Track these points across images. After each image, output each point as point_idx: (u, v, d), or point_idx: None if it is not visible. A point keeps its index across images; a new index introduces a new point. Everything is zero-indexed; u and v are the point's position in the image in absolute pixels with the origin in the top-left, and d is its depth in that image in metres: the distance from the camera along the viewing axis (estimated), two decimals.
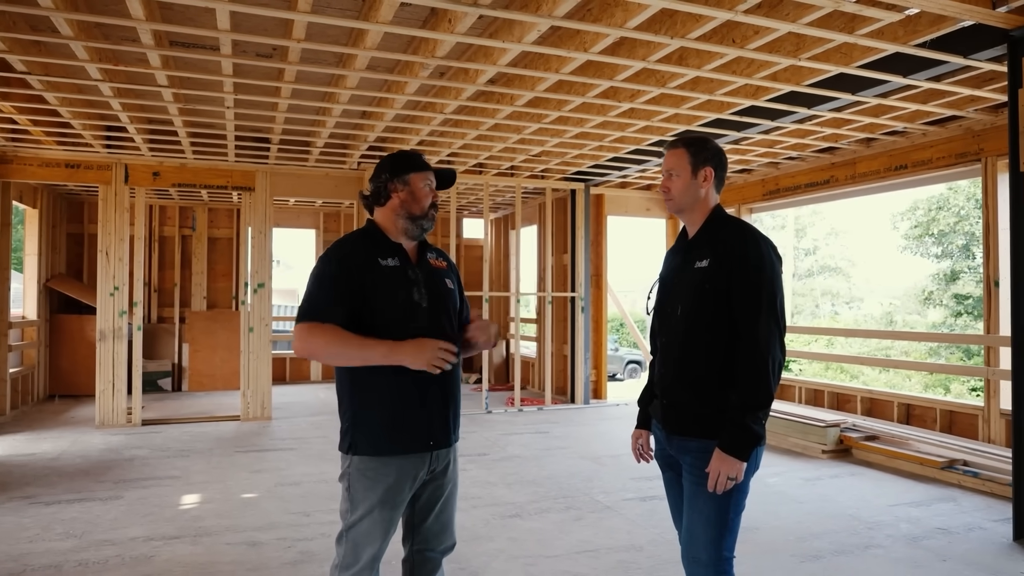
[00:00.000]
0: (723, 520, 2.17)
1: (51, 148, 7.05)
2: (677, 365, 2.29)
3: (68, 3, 3.81)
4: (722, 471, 2.10)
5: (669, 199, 2.38)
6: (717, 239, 2.26)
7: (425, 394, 2.19)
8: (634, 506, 4.69)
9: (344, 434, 2.22)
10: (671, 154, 2.37)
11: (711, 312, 2.20)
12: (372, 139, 6.84)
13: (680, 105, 5.52)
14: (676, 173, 2.34)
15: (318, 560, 3.69)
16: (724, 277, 2.18)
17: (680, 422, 2.27)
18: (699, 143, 2.37)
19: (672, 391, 2.30)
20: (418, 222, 2.28)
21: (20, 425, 7.37)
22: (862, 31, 3.99)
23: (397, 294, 2.18)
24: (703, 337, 2.22)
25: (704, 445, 2.18)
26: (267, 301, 7.89)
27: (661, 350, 2.39)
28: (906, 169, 6.58)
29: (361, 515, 2.14)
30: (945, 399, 6.68)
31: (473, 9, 3.72)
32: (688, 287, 2.27)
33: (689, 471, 2.24)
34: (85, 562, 3.64)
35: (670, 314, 2.34)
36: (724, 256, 2.20)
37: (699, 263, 2.25)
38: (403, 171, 2.27)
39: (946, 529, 4.26)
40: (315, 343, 2.10)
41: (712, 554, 2.18)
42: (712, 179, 2.34)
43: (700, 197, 2.34)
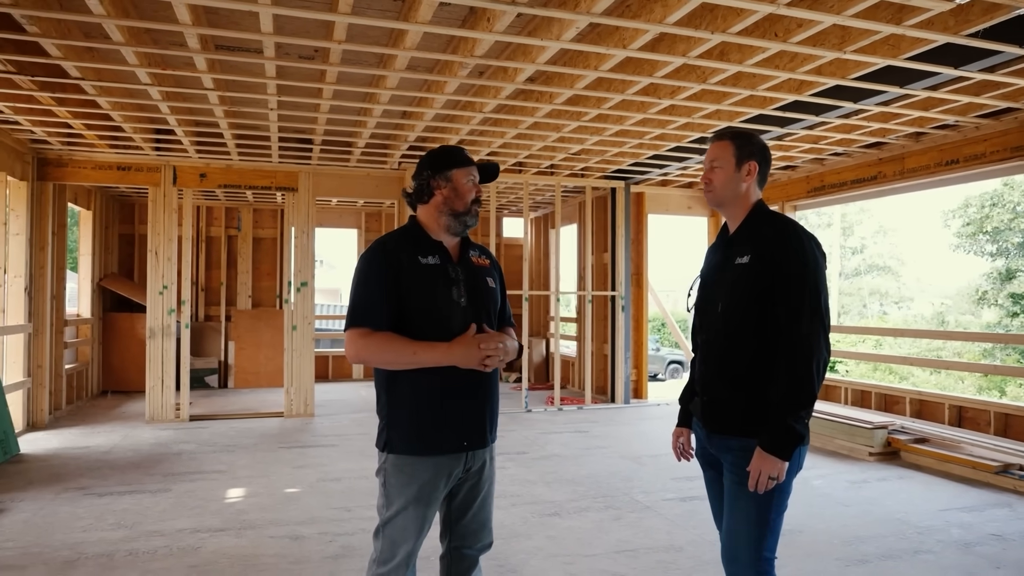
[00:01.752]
0: (764, 520, 2.15)
1: (103, 151, 7.28)
2: (718, 362, 2.28)
3: (119, 10, 3.94)
4: (763, 470, 2.07)
5: (710, 191, 2.35)
6: (759, 235, 2.23)
7: (461, 394, 2.19)
8: (674, 506, 4.64)
9: (381, 432, 2.23)
10: (716, 145, 2.34)
11: (752, 309, 2.18)
12: (412, 139, 6.90)
13: (721, 101, 5.44)
14: (719, 165, 2.32)
15: (359, 554, 3.73)
16: (766, 274, 2.15)
17: (720, 420, 2.25)
18: (745, 136, 2.34)
19: (713, 388, 2.29)
20: (461, 218, 2.26)
21: (75, 419, 7.63)
22: (910, 21, 3.87)
23: (436, 293, 2.17)
24: (743, 335, 2.20)
25: (745, 444, 2.16)
26: (310, 300, 8.02)
27: (702, 347, 2.37)
28: (957, 164, 6.37)
29: (396, 511, 2.15)
30: (1000, 401, 6.45)
31: (512, 7, 3.73)
32: (729, 284, 2.25)
33: (730, 470, 2.22)
34: (135, 552, 3.75)
35: (710, 311, 2.32)
36: (766, 252, 2.17)
37: (740, 259, 2.22)
38: (445, 167, 2.26)
39: (1000, 535, 4.12)
40: (367, 350, 2.11)
41: (752, 554, 2.15)
42: (755, 174, 2.31)
43: (741, 191, 2.31)
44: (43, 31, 4.08)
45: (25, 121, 6.07)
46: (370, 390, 10.14)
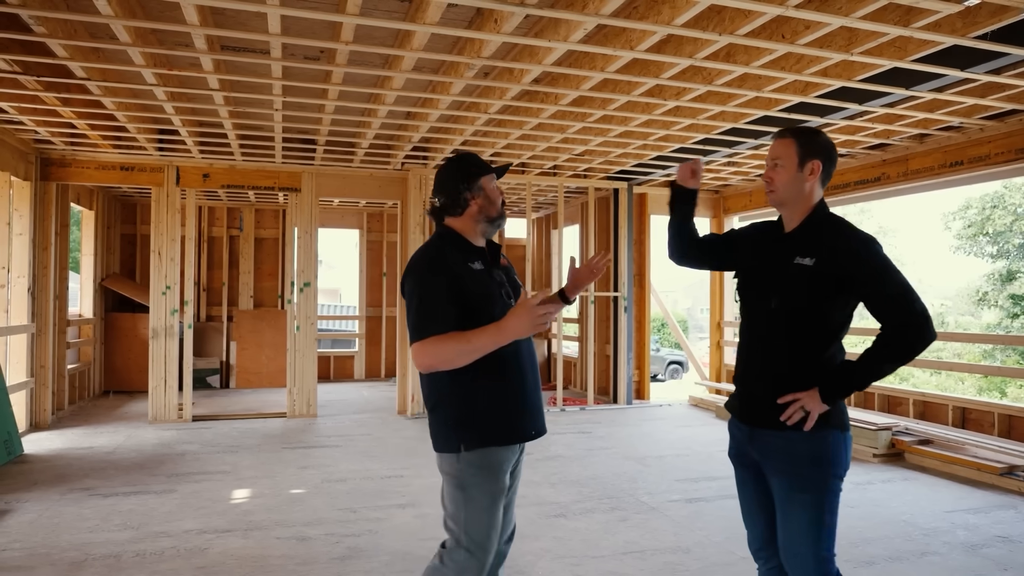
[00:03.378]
0: (819, 521, 2.14)
1: (107, 151, 7.28)
2: (762, 358, 2.28)
3: (127, 11, 3.93)
4: (803, 402, 2.11)
5: (771, 191, 2.31)
6: (825, 238, 2.20)
7: (525, 386, 2.27)
8: (680, 508, 4.64)
9: (449, 434, 2.20)
10: (779, 143, 2.30)
11: (811, 311, 2.17)
12: (416, 139, 6.90)
13: (727, 102, 5.44)
14: (781, 164, 2.27)
15: (365, 556, 3.73)
16: (834, 277, 2.14)
17: (757, 414, 2.25)
18: (809, 134, 2.29)
19: (752, 383, 2.30)
20: (496, 222, 2.37)
21: (78, 419, 7.62)
22: (918, 24, 3.87)
23: (492, 297, 2.25)
24: (799, 333, 2.20)
25: (786, 443, 2.16)
26: (313, 300, 8.01)
27: (747, 341, 2.35)
28: (962, 165, 6.38)
29: (479, 512, 2.16)
30: (1003, 403, 6.45)
31: (520, 8, 3.72)
32: (786, 283, 2.21)
33: (777, 476, 2.21)
34: (143, 553, 3.75)
35: (761, 306, 2.29)
36: (832, 257, 2.15)
37: (801, 260, 2.19)
38: (475, 178, 2.32)
39: (1007, 537, 4.12)
40: (432, 356, 2.10)
41: (813, 556, 2.14)
42: (819, 173, 2.26)
43: (804, 191, 2.26)
44: (50, 31, 4.07)
45: (29, 121, 6.07)
46: (372, 390, 10.14)
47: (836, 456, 2.15)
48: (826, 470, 2.14)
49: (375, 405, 8.84)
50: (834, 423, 2.16)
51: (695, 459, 6.06)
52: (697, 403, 9.14)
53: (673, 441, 6.87)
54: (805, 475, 2.15)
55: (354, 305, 22.55)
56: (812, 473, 2.14)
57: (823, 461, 2.15)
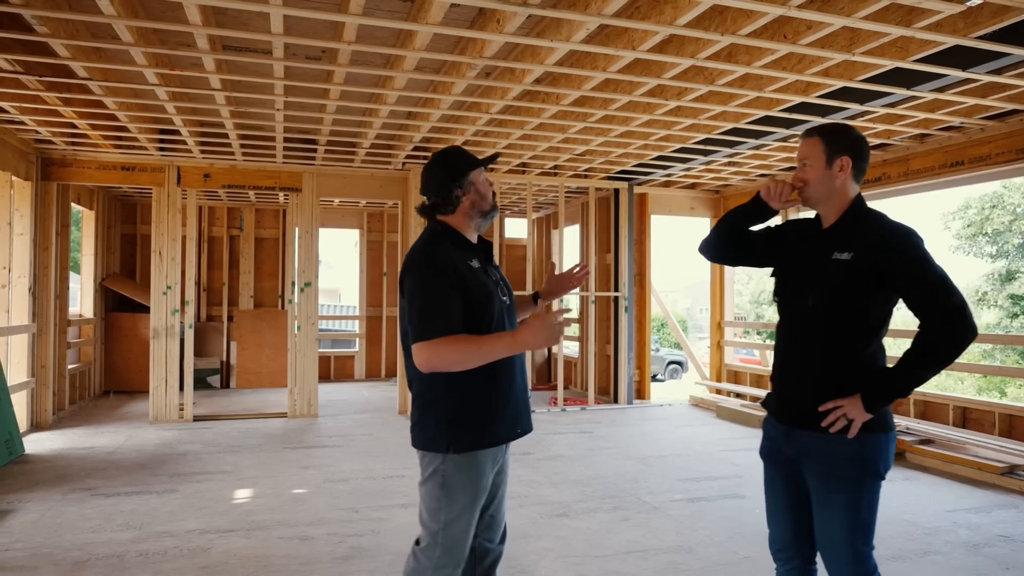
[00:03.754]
0: (855, 521, 2.14)
1: (108, 151, 7.27)
2: (800, 356, 2.27)
3: (129, 11, 3.93)
4: (846, 409, 2.10)
5: (803, 192, 2.30)
6: (859, 232, 2.19)
7: (514, 382, 2.26)
8: (682, 507, 4.65)
9: (436, 434, 2.19)
10: (805, 143, 2.29)
11: (849, 307, 2.16)
12: (417, 139, 6.91)
13: (728, 103, 5.44)
14: (809, 163, 2.26)
15: (368, 555, 3.73)
16: (873, 272, 2.12)
17: (794, 413, 2.25)
18: (836, 131, 2.28)
19: (788, 381, 2.30)
20: (488, 215, 2.35)
21: (78, 419, 7.62)
22: (920, 24, 3.88)
23: (491, 294, 2.23)
24: (837, 331, 2.18)
25: (826, 445, 2.16)
26: (314, 300, 8.01)
27: (784, 339, 2.34)
28: (962, 165, 6.38)
29: (460, 511, 2.16)
30: (1004, 402, 6.46)
31: (523, 8, 3.73)
32: (824, 278, 2.21)
33: (814, 476, 2.21)
34: (146, 553, 3.75)
35: (798, 304, 2.29)
36: (869, 251, 2.14)
37: (838, 255, 2.18)
38: (463, 173, 2.28)
39: (1009, 536, 4.13)
40: (438, 357, 2.07)
41: (850, 552, 2.15)
42: (849, 169, 2.23)
43: (836, 188, 2.24)
44: (52, 31, 4.07)
45: (30, 121, 6.06)
46: (372, 390, 10.14)
47: (877, 458, 2.14)
48: (865, 471, 2.13)
49: (376, 405, 8.84)
50: (876, 426, 2.14)
51: (696, 459, 6.07)
52: (698, 403, 9.14)
53: (674, 441, 6.88)
54: (844, 477, 2.14)
55: (353, 305, 22.52)
56: (851, 475, 2.14)
57: (863, 463, 2.14)
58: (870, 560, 2.17)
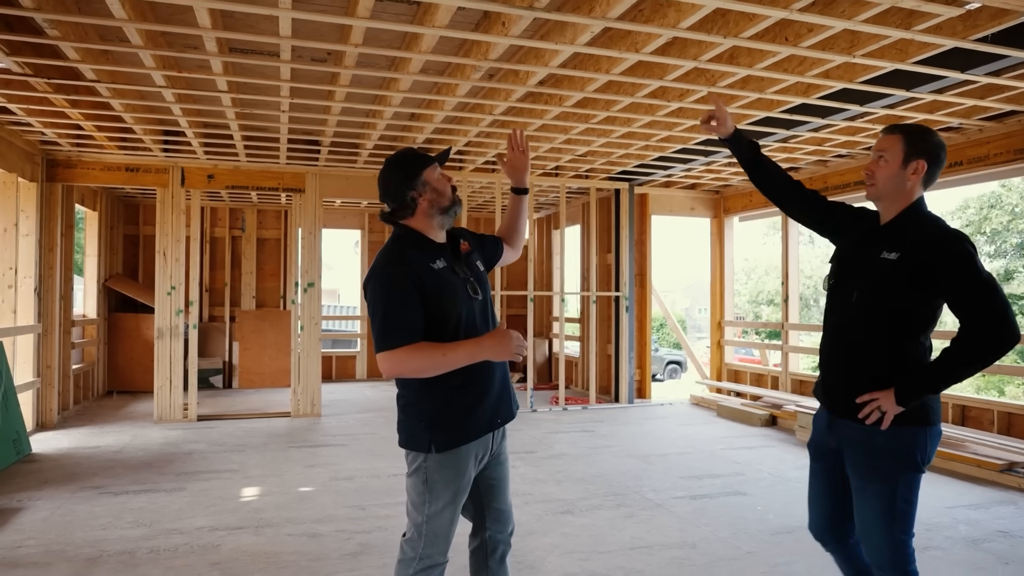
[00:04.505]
0: (891, 509, 2.20)
1: (112, 152, 7.32)
2: (844, 348, 2.33)
3: (139, 14, 3.97)
4: (880, 402, 2.16)
5: (871, 184, 2.33)
6: (912, 234, 2.23)
7: (492, 380, 2.29)
8: (685, 504, 4.70)
9: (415, 434, 2.23)
10: (887, 138, 2.32)
11: (891, 305, 2.21)
12: (421, 140, 6.96)
13: (729, 104, 5.49)
14: (886, 158, 2.29)
15: (376, 552, 3.78)
16: (914, 274, 2.17)
17: (840, 405, 2.31)
18: (919, 132, 2.30)
19: (832, 371, 2.36)
20: (450, 211, 2.32)
21: (83, 419, 7.66)
22: (919, 27, 3.94)
23: (457, 296, 2.22)
24: (878, 327, 2.24)
25: (865, 436, 2.23)
26: (317, 301, 8.06)
27: (830, 331, 2.40)
28: (961, 166, 6.45)
29: (443, 505, 2.20)
30: (1003, 400, 6.52)
31: (529, 12, 3.78)
32: (869, 274, 2.27)
33: (852, 466, 2.30)
34: (156, 549, 3.80)
35: (843, 297, 2.35)
36: (916, 251, 2.18)
37: (887, 255, 2.23)
38: (416, 174, 2.26)
39: (1008, 532, 4.18)
40: (401, 364, 2.10)
41: (886, 540, 2.22)
42: (922, 173, 2.27)
43: (905, 189, 2.28)
44: (63, 35, 4.12)
45: (36, 123, 6.10)
46: (374, 390, 10.19)
47: (913, 450, 2.19)
48: (902, 463, 2.19)
49: (378, 404, 8.89)
50: (916, 419, 2.19)
51: (698, 457, 6.12)
52: (698, 402, 9.20)
53: (676, 439, 6.93)
54: (881, 467, 2.21)
55: (354, 305, 22.55)
56: (888, 466, 2.20)
57: (900, 455, 2.19)
58: (907, 548, 2.23)
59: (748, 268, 33.42)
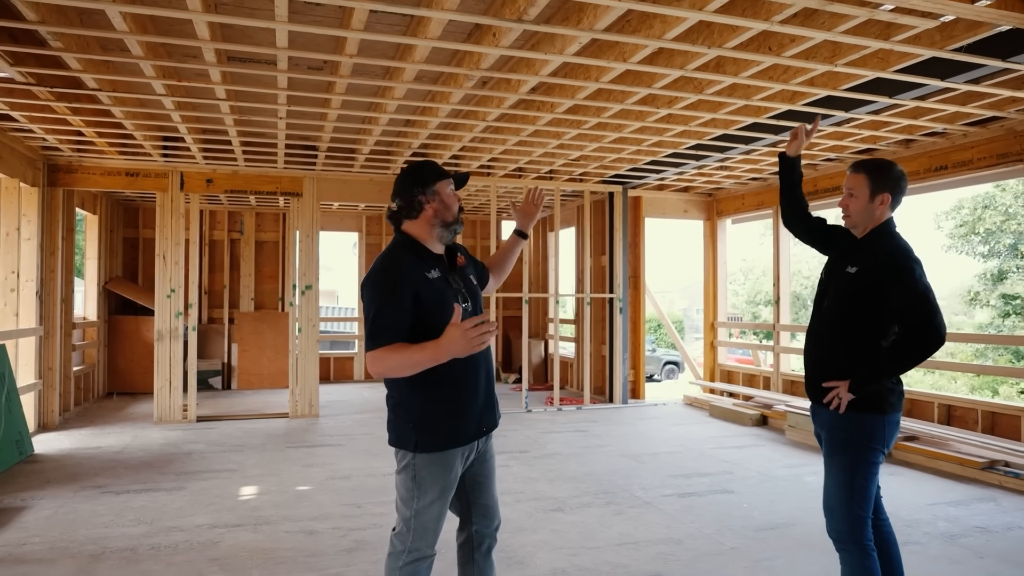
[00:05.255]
0: (850, 484, 2.59)
1: (113, 157, 7.43)
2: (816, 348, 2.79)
3: (140, 26, 4.09)
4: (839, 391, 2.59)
5: (847, 216, 2.76)
6: (870, 252, 2.65)
7: (473, 384, 2.39)
8: (673, 502, 4.82)
9: (404, 434, 2.33)
10: (853, 176, 2.73)
11: (852, 312, 2.63)
12: (416, 146, 7.07)
13: (717, 110, 5.62)
14: (855, 194, 2.71)
15: (371, 548, 3.90)
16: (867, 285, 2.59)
17: (816, 393, 2.74)
18: (880, 171, 2.70)
19: (809, 366, 2.80)
20: (451, 227, 2.42)
21: (83, 420, 7.77)
22: (897, 37, 4.06)
23: (446, 305, 2.29)
24: (842, 330, 2.66)
25: (831, 419, 2.66)
26: (314, 302, 8.18)
27: (811, 333, 2.84)
28: (946, 170, 6.57)
29: (431, 500, 2.32)
30: (988, 400, 6.64)
31: (518, 24, 3.89)
32: (836, 285, 2.73)
33: (823, 444, 2.75)
34: (157, 546, 3.92)
35: (820, 304, 2.81)
36: (872, 264, 2.60)
37: (849, 268, 2.68)
38: (431, 182, 2.39)
39: (985, 528, 4.31)
40: (384, 365, 2.20)
41: (844, 511, 2.60)
42: (888, 203, 2.69)
43: (875, 217, 2.70)
44: (66, 46, 4.23)
45: (38, 129, 6.22)
46: (372, 391, 10.31)
47: (869, 433, 2.59)
48: (857, 442, 2.60)
49: (375, 405, 9.01)
50: (874, 407, 2.59)
51: (688, 456, 6.24)
52: (691, 402, 9.32)
53: (667, 439, 7.05)
54: (841, 445, 2.64)
55: (352, 307, 22.66)
56: (846, 443, 2.63)
57: (860, 437, 2.60)
58: (865, 525, 2.59)
59: (746, 268, 33.53)
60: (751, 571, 3.64)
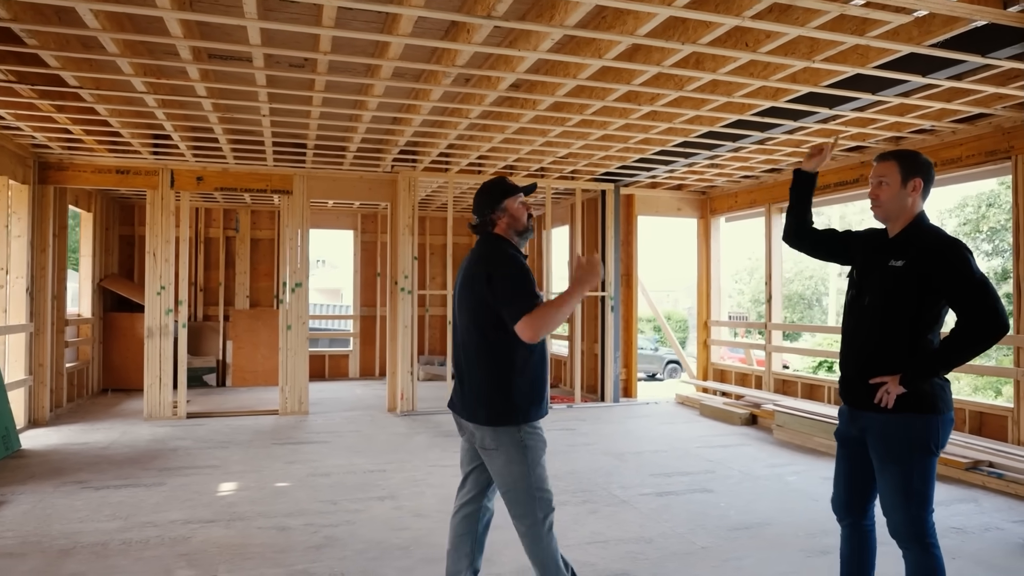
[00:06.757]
0: (907, 487, 2.49)
1: (103, 155, 7.46)
2: (858, 348, 2.65)
3: (115, 24, 4.10)
4: (889, 386, 2.49)
5: (877, 206, 2.65)
6: (917, 244, 2.54)
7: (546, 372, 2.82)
8: (649, 501, 4.80)
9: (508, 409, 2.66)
10: (882, 164, 2.64)
11: (899, 308, 2.53)
12: (403, 143, 7.07)
13: (700, 107, 5.59)
14: (887, 181, 2.61)
15: (340, 544, 3.90)
16: (923, 278, 2.49)
17: (853, 395, 2.64)
18: (910, 156, 2.63)
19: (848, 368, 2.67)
20: (524, 235, 2.87)
21: (75, 416, 7.82)
22: (873, 33, 4.02)
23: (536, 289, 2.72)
24: (886, 328, 2.56)
25: (882, 425, 2.53)
26: (304, 300, 8.19)
27: (848, 334, 2.71)
28: (935, 167, 6.46)
29: (543, 466, 2.69)
30: (975, 400, 6.59)
31: (488, 21, 3.88)
32: (879, 281, 2.60)
33: (874, 448, 2.59)
34: (129, 541, 3.93)
35: (857, 303, 2.68)
36: (919, 257, 2.50)
37: (894, 262, 2.56)
38: (499, 200, 2.81)
39: (961, 529, 4.27)
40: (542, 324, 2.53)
41: (904, 515, 2.51)
42: (920, 189, 2.60)
43: (907, 205, 2.60)
44: (42, 43, 4.25)
45: (26, 127, 6.25)
46: (365, 388, 10.33)
47: (924, 435, 2.49)
48: (914, 446, 2.49)
49: (366, 403, 9.02)
50: (927, 407, 2.49)
51: (672, 455, 6.22)
52: (683, 401, 9.29)
53: (654, 438, 7.03)
54: (896, 451, 2.51)
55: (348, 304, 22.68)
56: (901, 448, 2.51)
57: (914, 440, 2.49)
58: (926, 524, 2.52)
59: (751, 267, 33.41)
60: (718, 570, 3.62)
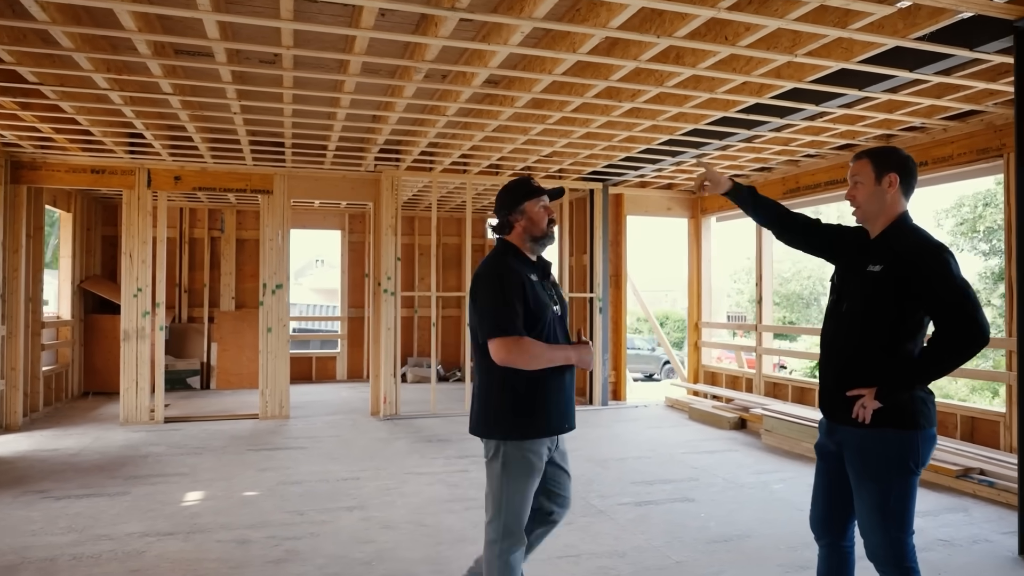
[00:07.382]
0: (883, 507, 2.33)
1: (77, 155, 7.30)
2: (835, 355, 2.50)
3: (69, 17, 3.94)
4: (864, 400, 2.33)
5: (856, 207, 2.51)
6: (893, 247, 2.38)
7: (567, 386, 2.68)
8: (627, 511, 4.64)
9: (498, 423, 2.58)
10: (856, 164, 2.50)
11: (877, 315, 2.37)
12: (382, 142, 6.91)
13: (683, 104, 5.43)
14: (860, 180, 2.47)
15: (301, 559, 3.74)
16: (896, 284, 2.32)
17: (836, 411, 2.46)
18: (883, 152, 2.50)
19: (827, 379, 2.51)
20: (541, 241, 2.71)
21: (51, 421, 7.65)
22: (856, 25, 3.86)
23: (545, 306, 2.61)
24: (864, 336, 2.40)
25: (859, 440, 2.38)
26: (285, 302, 8.03)
27: (826, 342, 2.56)
28: (926, 166, 6.35)
29: (521, 486, 2.57)
30: (966, 405, 6.43)
31: (453, 13, 3.72)
32: (856, 287, 2.45)
33: (849, 465, 2.44)
34: (80, 556, 3.77)
35: (836, 309, 2.54)
36: (897, 262, 2.33)
37: (872, 267, 2.40)
38: (518, 202, 2.67)
39: (948, 541, 4.11)
40: (514, 353, 2.47)
41: (881, 537, 2.35)
42: (897, 184, 2.43)
43: (886, 203, 2.44)
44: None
45: None
46: (351, 391, 10.16)
47: (905, 453, 2.32)
48: (892, 464, 2.33)
49: (350, 406, 8.86)
50: (906, 423, 2.33)
51: (656, 461, 6.06)
52: (672, 404, 9.13)
53: (640, 443, 6.87)
54: (872, 466, 2.36)
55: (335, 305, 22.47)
56: (878, 465, 2.35)
57: (892, 458, 2.33)
58: (905, 546, 2.35)
59: (750, 267, 33.22)
60: None
